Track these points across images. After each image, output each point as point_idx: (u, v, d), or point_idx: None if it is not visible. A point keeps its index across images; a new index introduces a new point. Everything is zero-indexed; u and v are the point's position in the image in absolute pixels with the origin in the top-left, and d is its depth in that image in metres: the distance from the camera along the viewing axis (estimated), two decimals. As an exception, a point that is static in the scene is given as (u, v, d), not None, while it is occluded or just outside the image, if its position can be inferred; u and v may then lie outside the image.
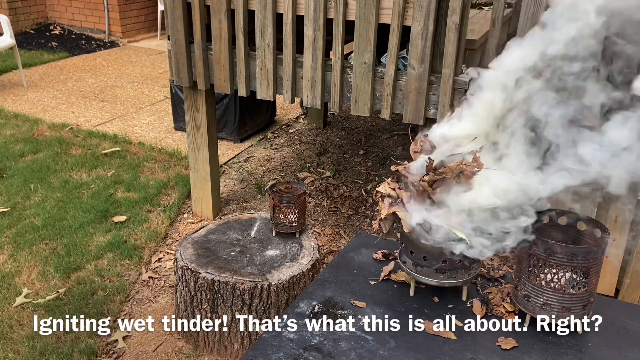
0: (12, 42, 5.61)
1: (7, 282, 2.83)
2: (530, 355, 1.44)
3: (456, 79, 2.51)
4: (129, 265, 3.00)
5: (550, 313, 1.49)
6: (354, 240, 2.03)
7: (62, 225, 3.31)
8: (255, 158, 4.40)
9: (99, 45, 7.82)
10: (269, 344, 1.47)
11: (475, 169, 1.47)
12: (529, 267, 1.51)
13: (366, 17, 2.55)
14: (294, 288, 2.31)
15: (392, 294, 1.70)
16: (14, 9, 7.77)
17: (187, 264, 2.33)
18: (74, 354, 2.39)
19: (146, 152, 4.33)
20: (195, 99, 3.18)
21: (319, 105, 2.84)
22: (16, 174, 3.89)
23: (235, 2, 2.80)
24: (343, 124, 5.21)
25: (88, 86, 6.01)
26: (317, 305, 1.63)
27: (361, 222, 3.50)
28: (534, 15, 2.35)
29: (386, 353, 1.44)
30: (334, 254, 3.14)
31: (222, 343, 2.39)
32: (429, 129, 1.66)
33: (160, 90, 5.95)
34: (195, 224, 3.42)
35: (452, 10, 2.38)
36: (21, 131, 4.63)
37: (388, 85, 2.63)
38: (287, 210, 2.50)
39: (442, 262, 1.58)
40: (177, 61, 3.04)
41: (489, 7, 3.72)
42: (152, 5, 8.37)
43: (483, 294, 1.70)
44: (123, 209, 3.51)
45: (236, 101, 4.45)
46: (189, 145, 3.34)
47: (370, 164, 4.32)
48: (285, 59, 2.81)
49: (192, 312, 2.38)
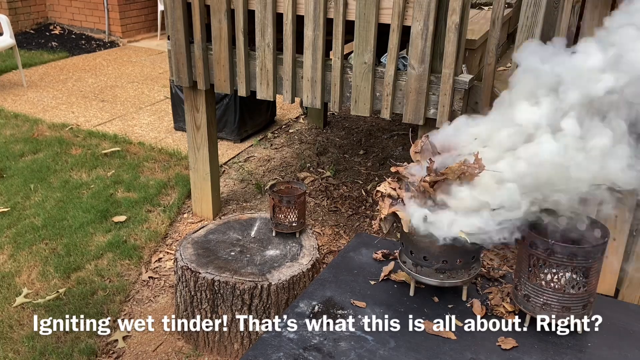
0: (12, 42, 5.61)
1: (7, 282, 2.83)
2: (530, 355, 1.44)
3: (456, 79, 2.51)
4: (129, 265, 3.00)
5: (550, 313, 1.50)
6: (354, 240, 2.03)
7: (62, 225, 3.31)
8: (255, 158, 4.40)
9: (99, 45, 7.82)
10: (269, 344, 1.47)
11: (477, 170, 1.47)
12: (529, 267, 1.51)
13: (366, 17, 2.55)
14: (294, 288, 2.31)
15: (392, 294, 1.70)
16: (14, 9, 7.77)
17: (187, 264, 2.33)
18: (74, 354, 2.39)
19: (146, 152, 4.33)
20: (195, 99, 3.18)
21: (319, 105, 2.84)
22: (16, 174, 3.89)
23: (235, 2, 2.80)
24: (343, 124, 5.21)
25: (88, 86, 6.01)
26: (317, 305, 1.63)
27: (361, 222, 3.50)
28: (534, 15, 2.35)
29: (386, 353, 1.44)
30: (334, 254, 3.14)
31: (222, 343, 2.39)
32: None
33: (160, 90, 5.95)
34: (195, 224, 3.42)
35: (452, 10, 2.38)
36: (21, 131, 4.63)
37: (388, 85, 2.63)
38: (287, 210, 2.50)
39: (442, 262, 1.58)
40: (177, 61, 3.04)
41: (489, 7, 3.72)
42: (152, 5, 8.37)
43: (483, 294, 1.70)
44: (123, 209, 3.51)
45: (236, 101, 4.45)
46: (189, 145, 3.34)
47: (370, 164, 4.32)
48: (285, 59, 2.81)
49: (192, 312, 2.38)
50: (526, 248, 1.50)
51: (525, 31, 2.39)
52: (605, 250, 1.47)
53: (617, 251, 2.49)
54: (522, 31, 2.40)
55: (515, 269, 1.59)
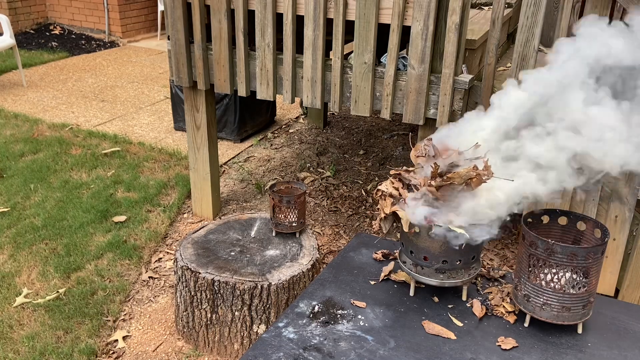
0: (12, 42, 5.62)
1: (7, 282, 2.83)
2: (530, 355, 1.44)
3: (456, 79, 2.51)
4: (129, 265, 3.00)
5: (550, 313, 1.50)
6: (354, 240, 2.03)
7: (62, 225, 3.31)
8: (255, 158, 4.40)
9: (99, 45, 7.82)
10: (269, 344, 1.47)
11: (486, 177, 1.47)
12: (529, 267, 1.51)
13: (366, 17, 2.55)
14: (294, 288, 2.31)
15: (392, 294, 1.70)
16: (14, 9, 7.77)
17: (187, 264, 2.33)
18: (74, 354, 2.39)
19: (146, 152, 4.33)
20: (195, 99, 3.18)
21: (319, 105, 2.84)
22: (16, 174, 3.89)
23: (235, 2, 2.80)
24: (343, 124, 5.21)
25: (88, 86, 6.01)
26: (317, 305, 1.63)
27: (361, 222, 3.50)
28: (534, 15, 2.36)
29: (386, 353, 1.44)
30: (334, 254, 3.14)
31: (222, 343, 2.39)
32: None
33: (160, 90, 5.95)
34: (195, 224, 3.42)
35: (452, 10, 2.38)
36: (21, 131, 4.63)
37: (388, 85, 2.63)
38: (287, 210, 2.50)
39: (442, 262, 1.58)
40: (177, 61, 3.05)
41: (489, 7, 3.73)
42: (152, 5, 8.37)
43: (483, 294, 1.70)
44: (123, 209, 3.51)
45: (236, 101, 4.45)
46: (189, 145, 3.34)
47: (370, 164, 4.32)
48: (285, 59, 2.81)
49: (192, 312, 2.38)
50: (526, 248, 1.50)
51: (525, 31, 2.39)
52: (605, 250, 1.47)
53: (617, 251, 2.49)
54: (522, 31, 2.40)
55: (515, 269, 1.59)
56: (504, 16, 2.60)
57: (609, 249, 2.48)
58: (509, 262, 3.06)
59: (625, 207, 2.40)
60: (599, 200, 2.44)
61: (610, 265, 2.51)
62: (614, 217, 2.44)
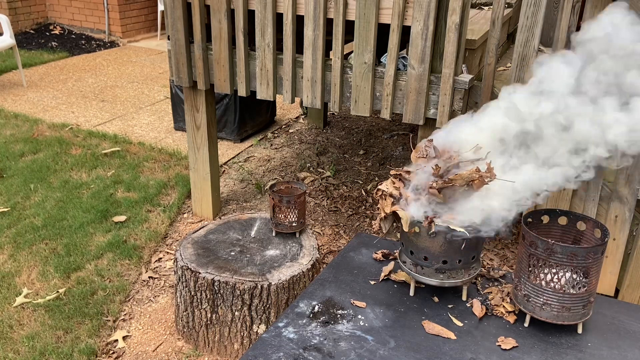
0: (12, 42, 5.62)
1: (7, 282, 2.83)
2: (530, 355, 1.44)
3: (456, 78, 2.51)
4: (129, 265, 3.00)
5: (550, 313, 1.50)
6: (354, 240, 2.03)
7: (62, 225, 3.31)
8: (255, 158, 4.40)
9: (99, 45, 7.82)
10: (269, 344, 1.47)
11: (488, 179, 1.47)
12: (529, 267, 1.51)
13: (366, 17, 2.55)
14: (294, 288, 2.31)
15: (392, 294, 1.70)
16: (14, 9, 7.78)
17: (187, 264, 2.33)
18: (74, 354, 2.39)
19: (146, 152, 4.33)
20: (195, 99, 3.18)
21: (319, 105, 2.84)
22: (16, 174, 3.89)
23: (235, 2, 2.80)
24: (343, 124, 5.21)
25: (88, 86, 6.01)
26: (317, 305, 1.63)
27: (361, 222, 3.50)
28: (534, 15, 2.36)
29: (386, 353, 1.44)
30: (334, 254, 3.14)
31: (222, 343, 2.39)
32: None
33: (160, 90, 5.95)
34: (195, 224, 3.42)
35: (452, 10, 2.38)
36: (21, 131, 4.63)
37: (388, 85, 2.63)
38: (287, 210, 2.50)
39: (442, 262, 1.58)
40: (177, 61, 3.05)
41: (489, 7, 3.73)
42: (152, 5, 8.37)
43: (483, 294, 1.70)
44: (123, 209, 3.51)
45: (236, 101, 4.45)
46: (189, 145, 3.34)
47: (370, 164, 4.32)
48: (285, 59, 2.81)
49: (192, 312, 2.38)
50: (526, 248, 1.50)
51: (525, 31, 2.39)
52: (605, 250, 1.47)
53: (617, 251, 2.49)
54: (522, 31, 2.40)
55: (515, 269, 1.59)
56: (504, 16, 2.60)
57: (609, 249, 2.48)
58: (509, 262, 3.06)
59: (625, 207, 2.40)
60: (599, 200, 2.44)
61: (610, 265, 2.51)
62: (614, 217, 2.44)
